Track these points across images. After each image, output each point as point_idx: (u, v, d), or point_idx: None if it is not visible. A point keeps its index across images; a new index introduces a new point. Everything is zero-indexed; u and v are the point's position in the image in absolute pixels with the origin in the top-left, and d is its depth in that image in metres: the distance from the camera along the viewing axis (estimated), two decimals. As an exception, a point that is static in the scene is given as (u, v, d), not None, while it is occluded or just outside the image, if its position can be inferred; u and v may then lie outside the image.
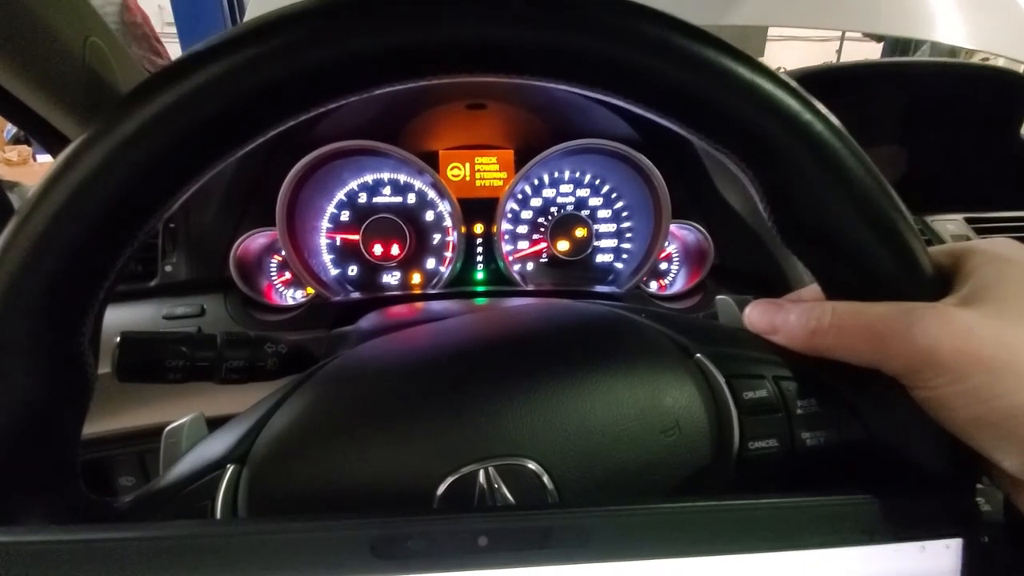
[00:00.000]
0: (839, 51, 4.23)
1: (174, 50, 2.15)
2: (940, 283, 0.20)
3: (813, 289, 0.23)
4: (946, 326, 0.18)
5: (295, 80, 0.17)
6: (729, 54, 0.18)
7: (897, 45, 1.85)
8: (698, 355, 0.24)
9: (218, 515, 0.21)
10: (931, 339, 0.18)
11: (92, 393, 0.20)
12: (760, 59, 0.19)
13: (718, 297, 0.35)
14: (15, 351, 0.17)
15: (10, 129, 3.00)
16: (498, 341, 0.25)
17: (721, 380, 0.23)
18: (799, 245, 0.21)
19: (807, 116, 0.19)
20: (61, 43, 0.49)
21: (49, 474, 0.19)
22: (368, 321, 0.48)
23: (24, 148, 2.98)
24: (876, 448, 0.22)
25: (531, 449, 0.21)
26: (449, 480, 0.20)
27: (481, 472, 0.20)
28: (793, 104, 0.18)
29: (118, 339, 0.33)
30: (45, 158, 2.87)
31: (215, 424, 0.26)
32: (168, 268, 0.53)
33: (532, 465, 0.20)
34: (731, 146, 0.20)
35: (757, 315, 0.24)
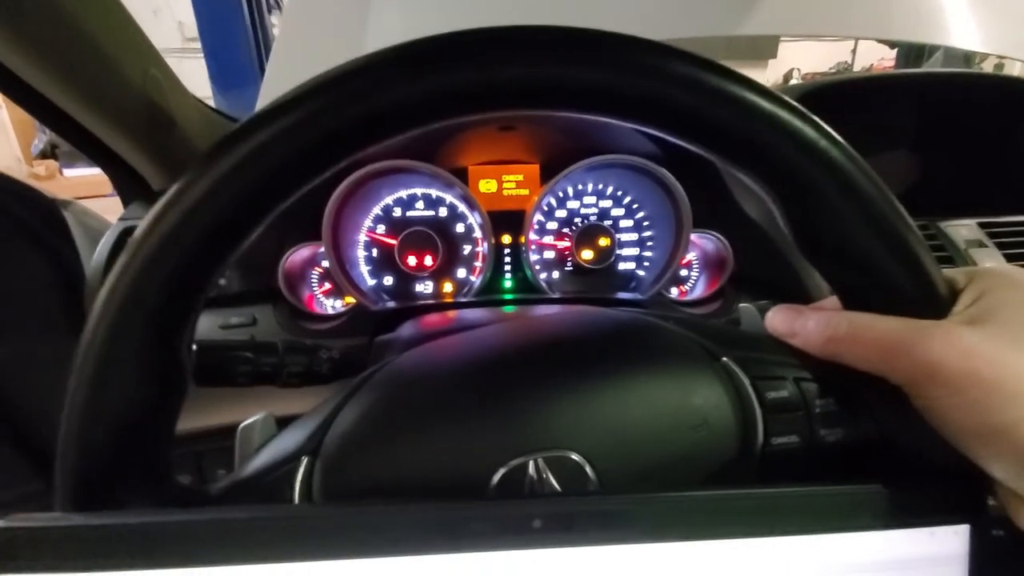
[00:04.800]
0: (854, 50, 4.15)
1: (196, 65, 2.19)
2: (949, 301, 0.21)
3: (833, 300, 0.25)
4: (950, 344, 0.19)
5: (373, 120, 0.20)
6: (756, 91, 0.20)
7: (911, 49, 1.83)
8: (724, 358, 0.26)
9: (296, 501, 0.23)
10: (935, 355, 0.19)
11: (188, 391, 0.22)
12: (773, 60, 0.20)
13: (740, 305, 0.37)
14: (130, 360, 0.20)
15: (37, 144, 3.09)
16: (541, 345, 0.27)
17: (746, 381, 0.25)
18: (819, 260, 0.23)
19: (824, 143, 0.20)
20: (123, 74, 0.53)
21: (154, 464, 0.22)
22: (407, 329, 0.50)
23: (51, 163, 3.06)
24: (889, 443, 0.23)
25: (574, 442, 0.22)
26: (502, 470, 0.22)
27: (530, 463, 0.22)
28: (811, 132, 0.20)
29: (194, 347, 0.36)
30: (72, 172, 2.94)
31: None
32: (223, 282, 0.56)
33: (576, 456, 0.22)
34: (757, 172, 0.21)
35: (779, 320, 0.26)
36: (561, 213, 0.67)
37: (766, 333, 0.26)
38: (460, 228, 0.65)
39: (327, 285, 0.64)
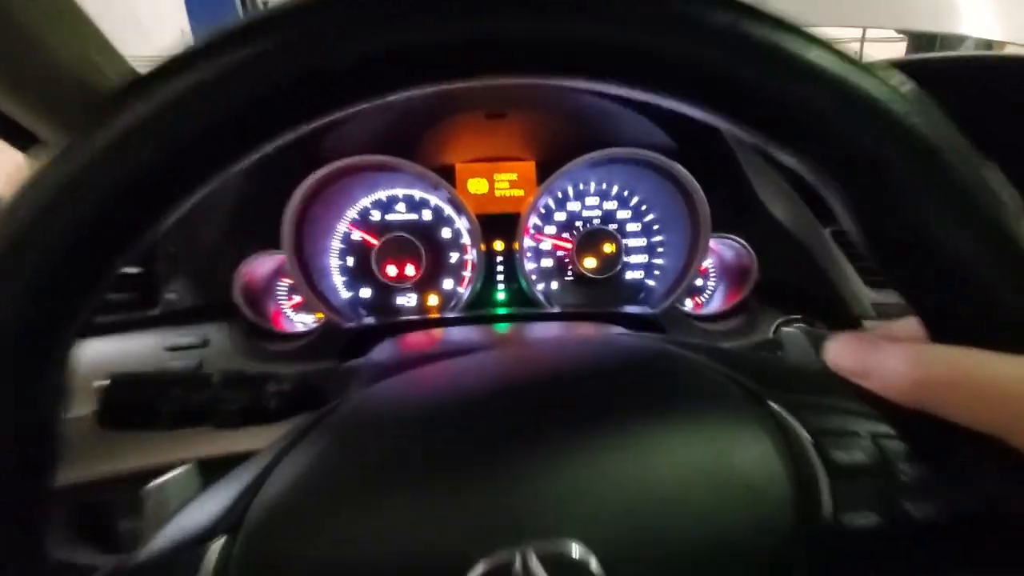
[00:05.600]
0: (859, 53, 4.21)
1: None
2: None
3: (909, 325, 0.20)
4: None
5: (317, 77, 0.16)
6: (813, 42, 0.16)
7: (922, 46, 1.86)
8: (772, 404, 0.21)
9: None
10: None
11: (60, 451, 0.18)
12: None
13: (784, 329, 0.32)
14: None
15: (37, 149, 3.14)
16: (534, 387, 0.23)
17: (806, 437, 0.20)
18: (899, 273, 0.19)
19: (915, 117, 0.16)
20: (47, 48, 0.47)
21: (9, 545, 0.18)
22: (382, 352, 0.47)
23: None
24: (1003, 523, 0.19)
25: (575, 527, 0.18)
26: (480, 566, 0.17)
27: (517, 557, 0.17)
28: (895, 99, 0.16)
29: (105, 382, 0.30)
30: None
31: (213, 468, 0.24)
32: (171, 296, 0.52)
33: (577, 549, 0.18)
34: (812, 152, 0.18)
35: (846, 354, 0.21)
36: (560, 216, 0.63)
37: (820, 366, 0.23)
38: (446, 233, 0.62)
39: (296, 298, 0.60)
